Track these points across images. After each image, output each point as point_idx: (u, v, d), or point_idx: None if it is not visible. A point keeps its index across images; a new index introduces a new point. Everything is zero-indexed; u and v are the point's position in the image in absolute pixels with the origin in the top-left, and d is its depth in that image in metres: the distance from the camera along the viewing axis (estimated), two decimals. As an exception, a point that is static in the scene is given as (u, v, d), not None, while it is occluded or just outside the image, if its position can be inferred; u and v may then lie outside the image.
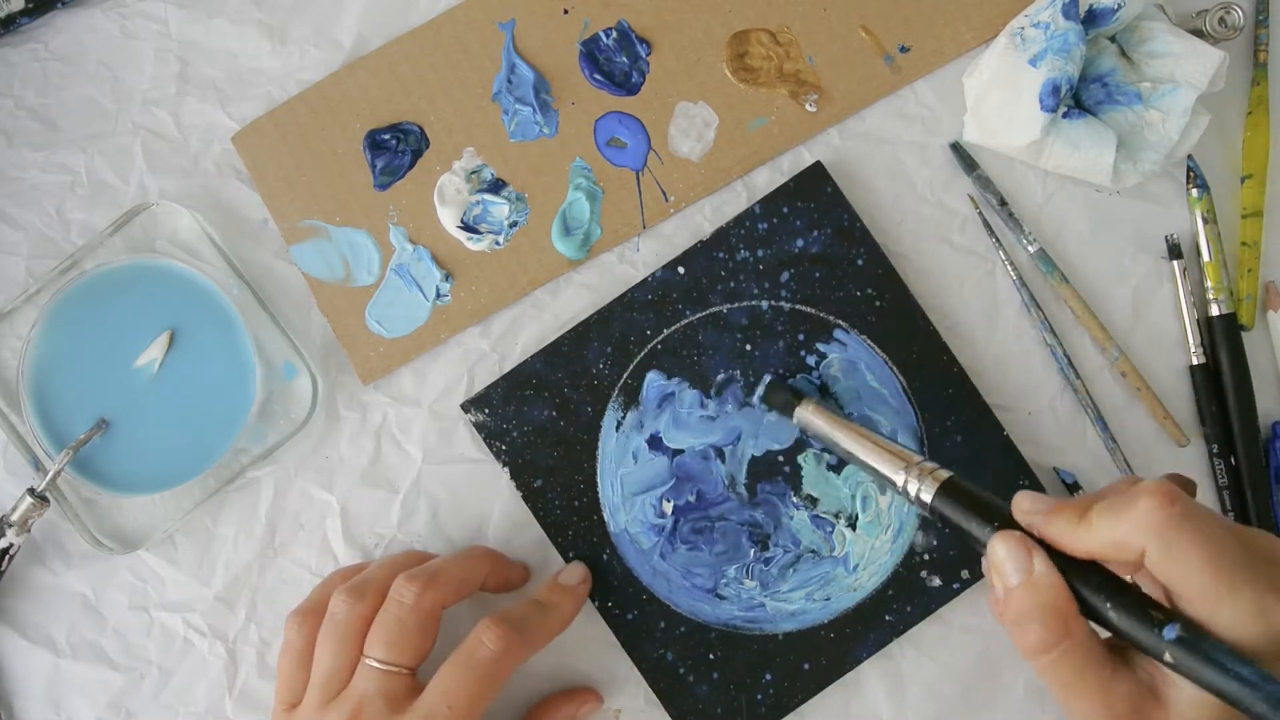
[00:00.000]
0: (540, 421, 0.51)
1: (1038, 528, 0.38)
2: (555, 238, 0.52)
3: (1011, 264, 0.52)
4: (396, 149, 0.52)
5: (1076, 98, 0.50)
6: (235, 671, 0.51)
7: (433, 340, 0.52)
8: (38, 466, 0.51)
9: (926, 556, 0.50)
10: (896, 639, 0.50)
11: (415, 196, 0.52)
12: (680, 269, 0.52)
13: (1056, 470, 0.51)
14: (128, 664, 0.51)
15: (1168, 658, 0.33)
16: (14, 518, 0.50)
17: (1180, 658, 0.33)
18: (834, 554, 0.51)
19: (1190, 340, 0.52)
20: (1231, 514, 0.51)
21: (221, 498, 0.52)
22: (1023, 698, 0.50)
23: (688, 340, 0.52)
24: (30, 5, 0.51)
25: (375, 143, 0.52)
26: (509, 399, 0.51)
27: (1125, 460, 0.51)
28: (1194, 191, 0.52)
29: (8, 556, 0.50)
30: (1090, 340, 0.52)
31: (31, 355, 0.51)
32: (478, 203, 0.52)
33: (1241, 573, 0.33)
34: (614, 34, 0.53)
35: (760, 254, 0.52)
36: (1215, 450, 0.51)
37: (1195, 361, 0.52)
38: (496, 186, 0.53)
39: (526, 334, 0.53)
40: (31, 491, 0.50)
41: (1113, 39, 0.51)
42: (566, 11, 0.53)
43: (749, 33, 0.53)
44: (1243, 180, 0.53)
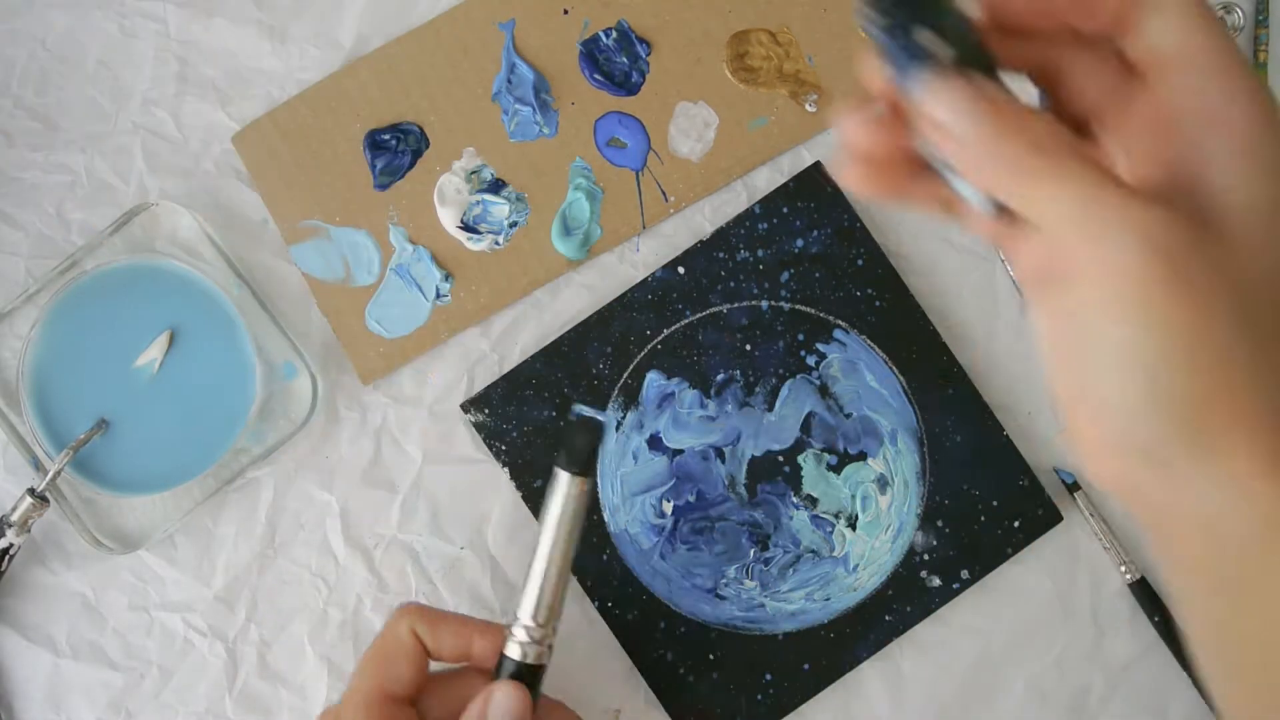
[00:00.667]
0: (540, 421, 0.51)
1: None
2: (555, 238, 0.52)
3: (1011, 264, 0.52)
4: (396, 149, 0.52)
5: (1076, 98, 0.50)
6: (235, 671, 0.51)
7: (433, 340, 0.52)
8: (38, 466, 0.51)
9: (926, 556, 0.50)
10: (896, 639, 0.50)
11: (415, 196, 0.52)
12: (680, 269, 0.52)
13: (1056, 470, 0.51)
14: (128, 664, 0.51)
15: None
16: (14, 518, 0.50)
17: None
18: (834, 554, 0.51)
19: (1190, 340, 0.52)
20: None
21: (221, 498, 0.52)
22: (1022, 698, 0.50)
23: (688, 340, 0.52)
24: None
25: (375, 143, 0.52)
26: (509, 399, 0.51)
27: (1125, 460, 0.51)
28: (1194, 191, 0.52)
29: (8, 556, 0.50)
30: (1090, 340, 0.52)
31: (31, 355, 0.51)
32: (478, 203, 0.52)
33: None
34: (614, 34, 0.53)
35: (760, 254, 0.52)
36: (1215, 450, 0.51)
37: (1195, 361, 0.52)
38: (496, 186, 0.53)
39: (526, 334, 0.53)
40: (31, 491, 0.50)
41: (1113, 39, 0.51)
42: (566, 11, 0.53)
43: (749, 33, 0.53)
44: (1243, 180, 0.53)
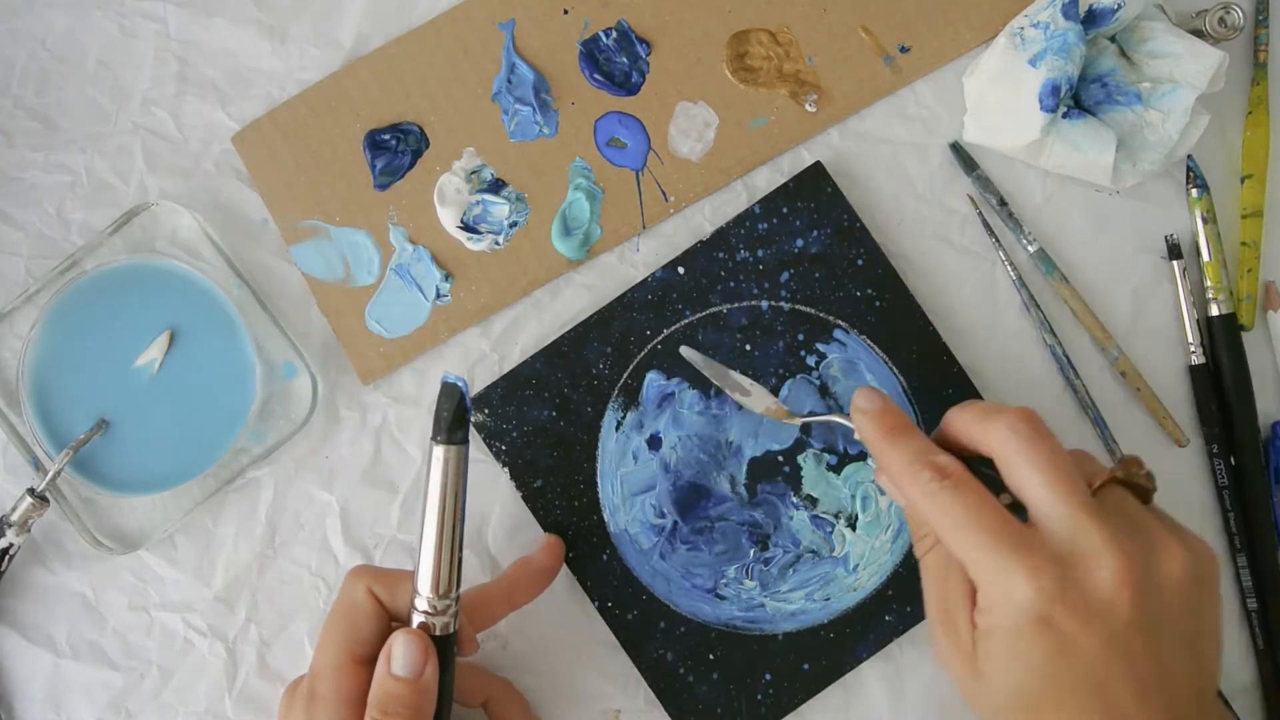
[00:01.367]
0: (540, 421, 0.51)
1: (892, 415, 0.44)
2: (555, 238, 0.52)
3: (1011, 264, 0.52)
4: (396, 149, 0.52)
5: (1076, 98, 0.50)
6: (235, 671, 0.51)
7: (433, 340, 0.52)
8: (38, 466, 0.51)
9: (926, 556, 0.50)
10: (896, 639, 0.50)
11: (415, 196, 0.52)
12: (680, 269, 0.52)
13: (1056, 470, 0.51)
14: (128, 664, 0.51)
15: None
16: (14, 518, 0.50)
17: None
18: (834, 554, 0.51)
19: (1190, 340, 0.52)
20: (1231, 514, 0.51)
21: (221, 498, 0.52)
22: (1022, 697, 0.50)
23: (688, 340, 0.52)
24: None
25: (375, 143, 0.52)
26: (509, 399, 0.51)
27: (1125, 460, 0.51)
28: (1194, 191, 0.52)
29: (8, 556, 0.50)
30: (1090, 340, 0.52)
31: (31, 355, 0.51)
32: (478, 203, 0.52)
33: (1063, 500, 0.38)
34: (614, 34, 0.53)
35: (760, 254, 0.52)
36: (1215, 450, 0.51)
37: (1195, 361, 0.52)
38: (496, 186, 0.52)
39: (526, 334, 0.53)
40: (31, 491, 0.50)
41: (1113, 39, 0.51)
42: (566, 11, 0.53)
43: (749, 33, 0.53)
44: (1243, 180, 0.53)
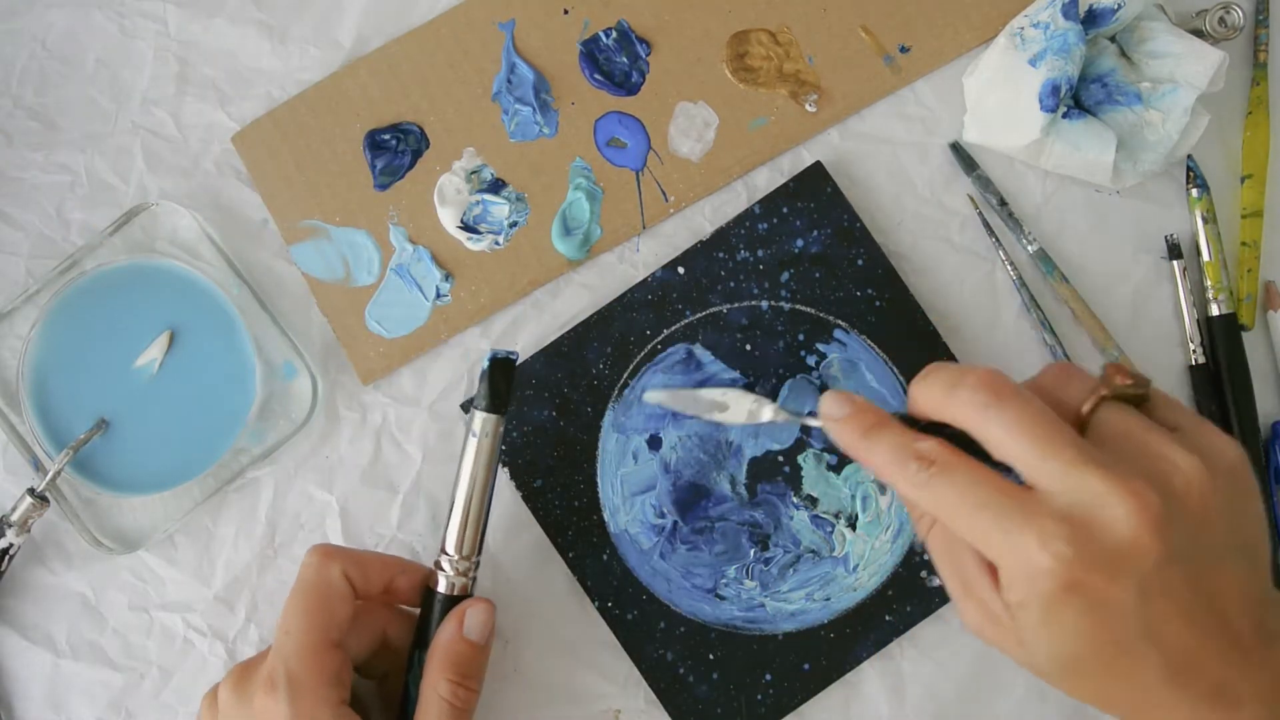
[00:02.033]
0: (540, 421, 0.51)
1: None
2: (555, 238, 0.52)
3: (1011, 264, 0.52)
4: (396, 149, 0.52)
5: (1076, 98, 0.50)
6: (235, 671, 0.51)
7: (433, 340, 0.52)
8: (38, 466, 0.51)
9: (926, 556, 0.50)
10: (896, 639, 0.50)
11: (415, 196, 0.52)
12: (680, 269, 0.52)
13: (1056, 470, 0.51)
14: (128, 664, 0.51)
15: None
16: (14, 518, 0.50)
17: None
18: (834, 554, 0.51)
19: (1190, 340, 0.52)
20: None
21: (221, 498, 0.52)
22: (1022, 698, 0.50)
23: (688, 340, 0.52)
24: None
25: (375, 143, 0.52)
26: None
27: (1125, 460, 0.51)
28: (1194, 191, 0.52)
29: (8, 556, 0.50)
30: (1090, 340, 0.52)
31: (31, 355, 0.51)
32: (478, 203, 0.52)
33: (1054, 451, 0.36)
34: (614, 34, 0.53)
35: (760, 254, 0.52)
36: (1215, 450, 0.51)
37: (1195, 361, 0.52)
38: (496, 186, 0.52)
39: (526, 334, 0.53)
40: (31, 491, 0.50)
41: (1113, 39, 0.51)
42: (566, 11, 0.53)
43: (749, 33, 0.53)
44: (1243, 180, 0.53)
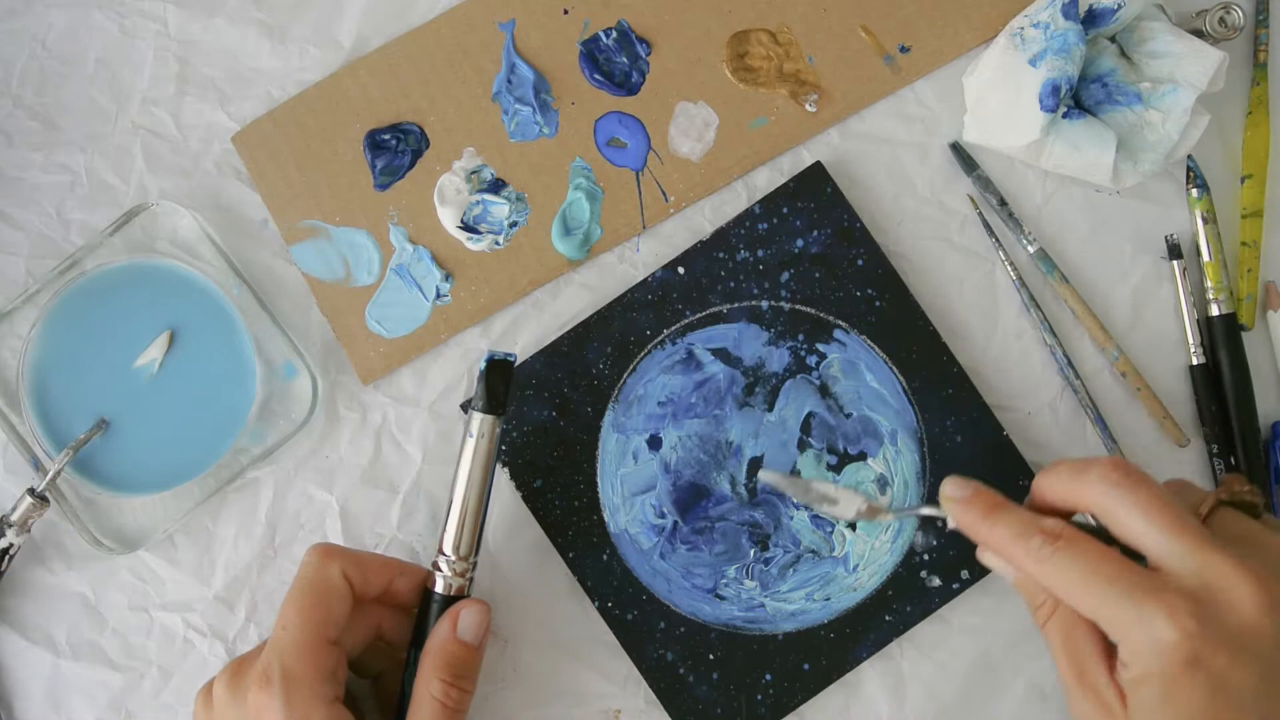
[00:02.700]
0: (540, 421, 0.51)
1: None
2: (555, 238, 0.52)
3: (1011, 264, 0.52)
4: (396, 149, 0.52)
5: (1076, 98, 0.50)
6: (235, 671, 0.51)
7: (433, 340, 0.52)
8: (38, 466, 0.51)
9: (926, 557, 0.50)
10: (896, 639, 0.50)
11: (415, 196, 0.52)
12: (680, 269, 0.52)
13: (1056, 470, 0.51)
14: (128, 664, 0.51)
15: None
16: (14, 518, 0.50)
17: None
18: (834, 554, 0.51)
19: (1190, 340, 0.52)
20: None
21: (221, 498, 0.52)
22: (1022, 698, 0.50)
23: (688, 337, 0.51)
24: None
25: (375, 143, 0.52)
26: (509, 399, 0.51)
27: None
28: (1194, 191, 0.52)
29: (8, 556, 0.50)
30: (1090, 340, 0.52)
31: (31, 355, 0.51)
32: (478, 203, 0.52)
33: (1177, 535, 0.38)
34: (614, 34, 0.53)
35: (760, 254, 0.52)
36: (1215, 450, 0.51)
37: (1195, 361, 0.52)
38: (496, 186, 0.52)
39: (526, 334, 0.53)
40: (31, 491, 0.50)
41: (1113, 39, 0.51)
42: (566, 11, 0.53)
43: (749, 33, 0.53)
44: (1243, 180, 0.53)
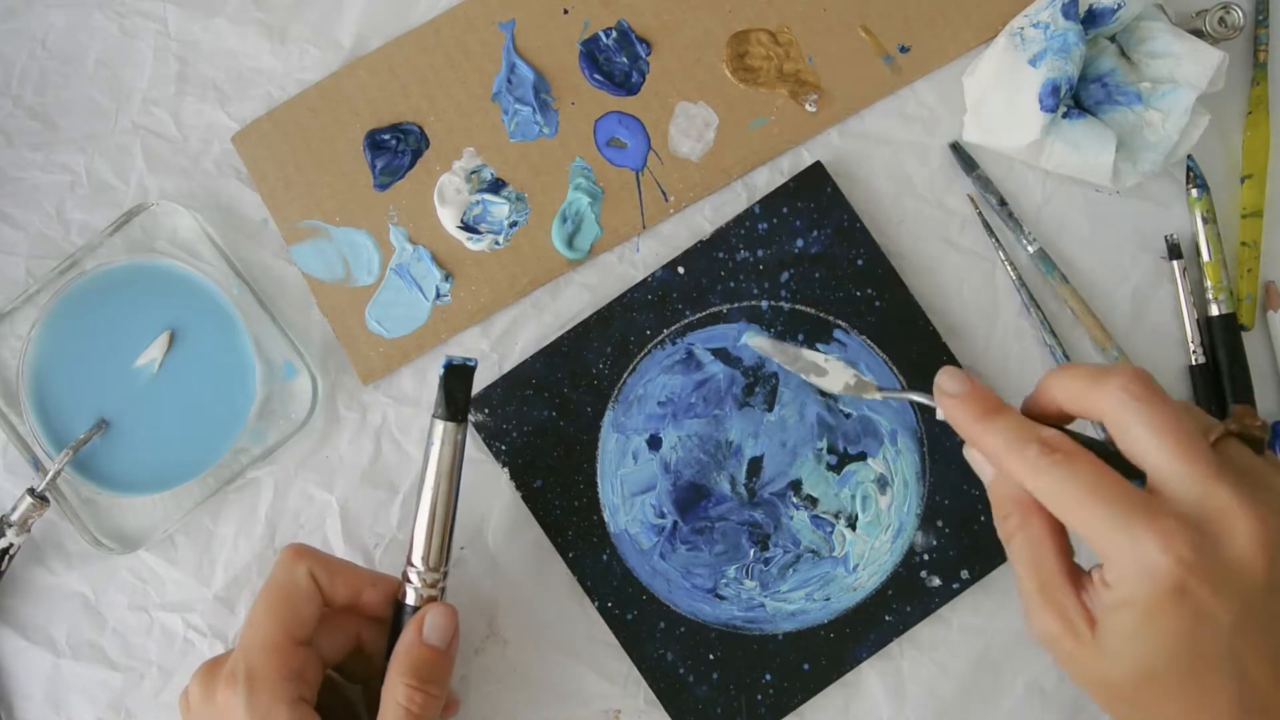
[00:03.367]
0: (540, 421, 0.51)
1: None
2: (555, 238, 0.52)
3: (1011, 264, 0.52)
4: (396, 149, 0.52)
5: (1076, 98, 0.50)
6: (235, 671, 0.51)
7: (433, 340, 0.52)
8: (38, 466, 0.51)
9: (926, 556, 0.50)
10: (896, 639, 0.50)
11: (415, 196, 0.52)
12: (680, 269, 0.52)
13: (1056, 470, 0.51)
14: (128, 664, 0.51)
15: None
16: (14, 518, 0.50)
17: None
18: (834, 554, 0.51)
19: (1190, 340, 0.52)
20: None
21: (221, 498, 0.52)
22: (1023, 698, 0.50)
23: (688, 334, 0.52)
24: None
25: (375, 143, 0.52)
26: (509, 399, 0.51)
27: (1125, 460, 0.51)
28: (1194, 191, 0.52)
29: (8, 556, 0.50)
30: (1090, 340, 0.52)
31: (31, 355, 0.51)
32: (478, 203, 0.52)
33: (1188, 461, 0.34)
34: (614, 34, 0.53)
35: (760, 254, 0.52)
36: (1215, 450, 0.51)
37: (1195, 361, 0.52)
38: (496, 186, 0.52)
39: (526, 334, 0.53)
40: (31, 491, 0.50)
41: (1113, 39, 0.51)
42: (566, 11, 0.53)
43: (749, 33, 0.53)
44: (1243, 180, 0.53)
